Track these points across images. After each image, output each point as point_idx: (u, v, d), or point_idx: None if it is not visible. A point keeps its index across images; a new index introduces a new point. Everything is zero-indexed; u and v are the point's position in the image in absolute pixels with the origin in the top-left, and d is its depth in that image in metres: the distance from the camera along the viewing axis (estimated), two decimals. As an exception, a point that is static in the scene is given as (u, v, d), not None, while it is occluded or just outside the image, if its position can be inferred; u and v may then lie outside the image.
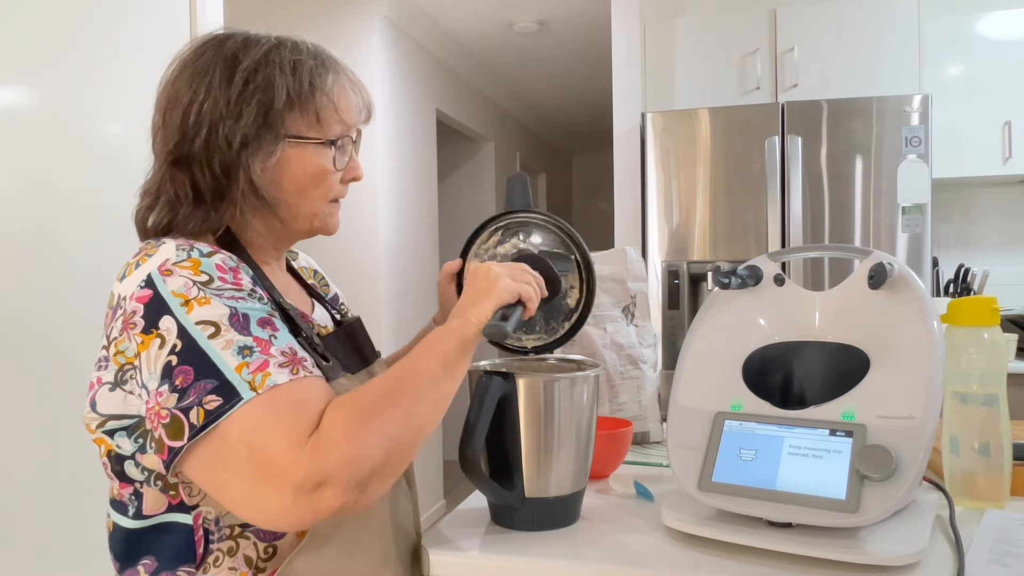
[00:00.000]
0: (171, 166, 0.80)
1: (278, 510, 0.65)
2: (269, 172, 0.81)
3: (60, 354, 1.45)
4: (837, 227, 2.61)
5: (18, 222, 1.38)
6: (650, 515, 0.93)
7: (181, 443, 0.66)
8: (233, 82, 0.79)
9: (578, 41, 4.17)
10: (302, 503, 0.64)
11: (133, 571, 0.75)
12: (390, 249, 3.56)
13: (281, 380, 0.67)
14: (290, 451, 0.64)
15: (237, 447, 0.65)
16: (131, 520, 0.75)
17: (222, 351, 0.67)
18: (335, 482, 0.64)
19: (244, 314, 0.70)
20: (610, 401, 1.30)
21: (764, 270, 0.97)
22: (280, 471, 0.64)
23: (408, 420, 0.70)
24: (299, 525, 0.66)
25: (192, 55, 0.82)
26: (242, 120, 0.78)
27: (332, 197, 0.87)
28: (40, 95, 1.44)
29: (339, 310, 1.02)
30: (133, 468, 0.73)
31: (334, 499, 0.65)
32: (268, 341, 0.70)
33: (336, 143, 0.84)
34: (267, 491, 0.64)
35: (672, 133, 2.75)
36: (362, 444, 0.66)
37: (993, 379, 0.93)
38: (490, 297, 0.81)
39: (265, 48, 0.82)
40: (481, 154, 5.15)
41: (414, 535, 0.89)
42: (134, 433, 0.71)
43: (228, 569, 0.74)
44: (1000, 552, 0.76)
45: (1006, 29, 2.80)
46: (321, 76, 0.83)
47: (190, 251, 0.73)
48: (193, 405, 0.65)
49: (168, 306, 0.69)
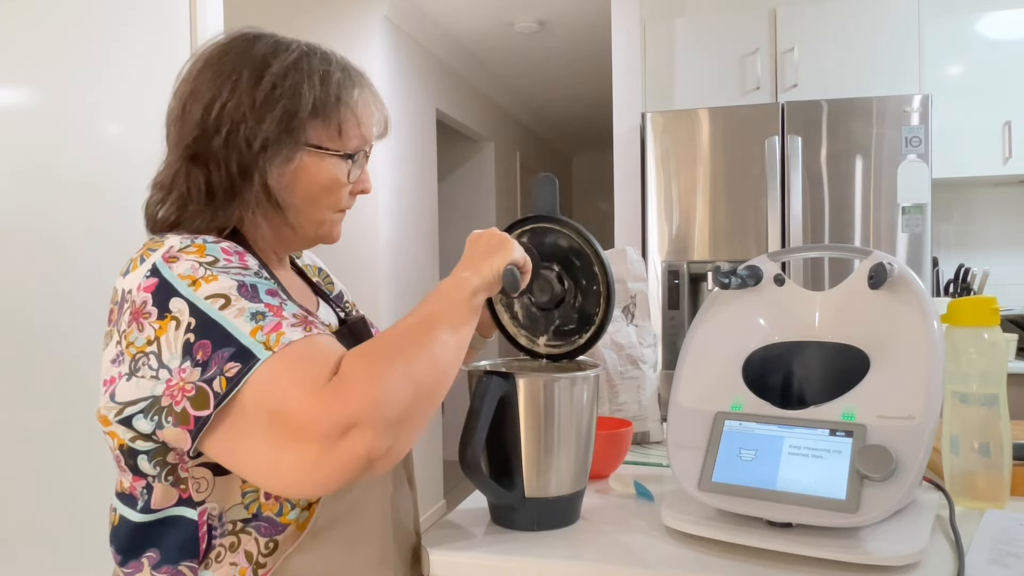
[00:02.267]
0: (188, 161, 0.80)
1: (303, 469, 0.63)
2: (285, 178, 0.81)
3: (61, 351, 1.45)
4: (837, 227, 2.61)
5: (18, 221, 1.38)
6: (650, 515, 0.93)
7: (208, 412, 0.65)
8: (260, 85, 0.79)
9: (578, 41, 4.17)
10: (329, 455, 0.62)
11: (136, 563, 0.75)
12: (390, 249, 3.56)
13: (295, 337, 0.67)
14: (308, 402, 0.63)
15: (256, 411, 0.64)
16: (138, 513, 0.75)
17: (235, 319, 0.67)
18: (363, 424, 0.63)
19: (252, 285, 0.71)
20: (610, 401, 1.30)
21: (764, 270, 0.97)
22: (301, 424, 0.62)
23: (431, 361, 0.70)
24: (327, 484, 0.64)
25: (219, 51, 0.82)
26: (264, 124, 0.78)
27: (340, 208, 0.87)
28: (40, 94, 1.44)
29: (343, 308, 1.02)
30: (146, 462, 0.73)
31: (362, 443, 0.63)
32: (279, 306, 0.70)
33: (353, 157, 0.85)
34: (290, 452, 0.63)
35: (672, 133, 2.75)
36: (386, 384, 0.65)
37: (993, 379, 0.93)
38: (502, 253, 0.83)
39: (295, 55, 0.82)
40: (481, 154, 5.15)
41: (414, 535, 0.89)
42: (149, 412, 0.71)
43: (229, 564, 0.74)
44: (1000, 552, 0.76)
45: (1006, 29, 2.80)
46: (348, 89, 0.84)
47: (195, 239, 0.74)
48: (216, 375, 0.65)
49: (176, 289, 0.69)
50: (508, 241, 0.86)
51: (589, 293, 0.96)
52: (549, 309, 0.98)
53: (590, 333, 0.96)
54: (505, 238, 0.86)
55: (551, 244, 0.97)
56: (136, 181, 0.84)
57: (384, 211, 3.47)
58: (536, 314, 1.00)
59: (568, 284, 0.97)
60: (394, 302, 3.60)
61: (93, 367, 1.49)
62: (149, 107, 1.68)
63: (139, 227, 0.84)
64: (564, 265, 0.97)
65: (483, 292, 0.81)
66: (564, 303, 0.98)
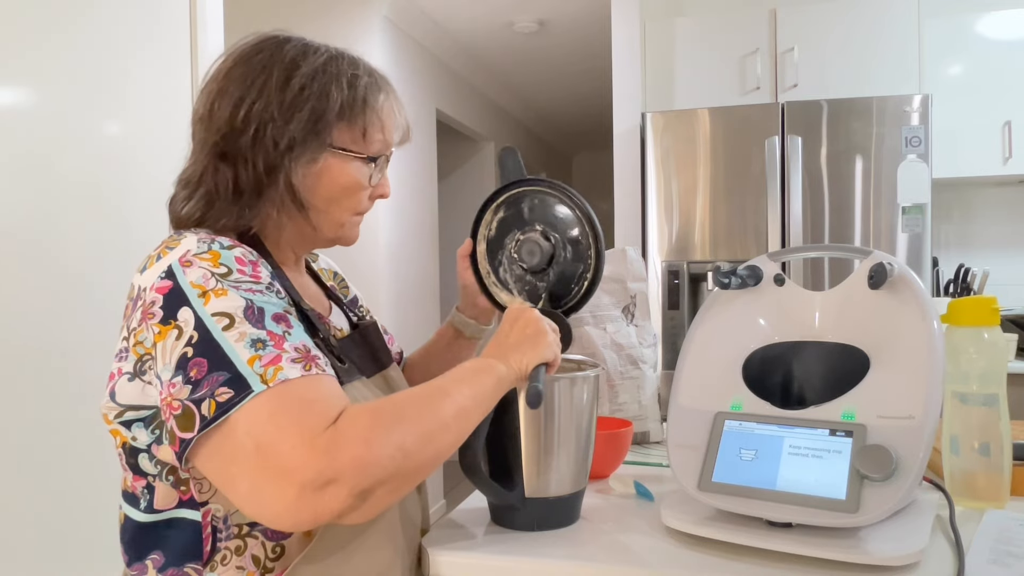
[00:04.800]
0: (215, 159, 0.80)
1: (279, 507, 0.64)
2: (309, 179, 0.82)
3: (61, 351, 1.45)
4: (837, 227, 2.61)
5: (18, 221, 1.38)
6: (650, 515, 0.93)
7: (191, 435, 0.65)
8: (290, 85, 0.80)
9: (578, 41, 4.17)
10: (305, 501, 0.63)
11: (141, 565, 0.75)
12: (390, 249, 3.56)
13: (293, 375, 0.67)
14: (300, 447, 0.63)
15: (245, 440, 0.64)
16: (142, 513, 0.75)
17: (235, 343, 0.67)
18: (342, 483, 0.63)
19: (259, 307, 0.70)
20: (610, 401, 1.30)
21: (764, 270, 0.97)
22: (287, 467, 0.63)
23: (428, 441, 0.69)
24: (298, 525, 0.65)
25: (250, 50, 0.83)
26: (292, 124, 0.79)
27: (359, 210, 0.88)
28: (40, 93, 1.44)
29: (356, 312, 1.02)
30: (147, 462, 0.73)
31: (336, 501, 0.63)
32: (282, 336, 0.69)
33: (376, 161, 0.86)
34: (271, 487, 0.64)
35: (672, 133, 2.75)
36: (378, 451, 0.65)
37: (993, 379, 0.93)
38: (536, 351, 0.83)
39: (324, 57, 0.83)
40: (481, 154, 5.16)
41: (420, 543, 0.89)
42: (151, 424, 0.71)
43: (235, 568, 0.74)
44: (1000, 552, 0.76)
45: (1006, 29, 2.79)
46: (374, 94, 0.85)
47: (211, 243, 0.74)
48: (205, 397, 0.65)
49: (187, 297, 0.69)
50: (543, 334, 0.84)
51: (578, 242, 0.98)
52: (543, 269, 0.99)
53: (590, 276, 0.97)
54: (541, 328, 0.85)
55: (529, 208, 0.99)
56: (136, 181, 0.84)
57: (384, 211, 3.46)
58: (531, 280, 1.01)
59: (555, 239, 0.99)
60: (394, 302, 3.60)
61: (93, 367, 1.49)
62: (149, 107, 1.68)
63: (138, 226, 0.84)
64: (548, 224, 0.99)
65: (508, 385, 0.81)
66: (555, 258, 0.99)
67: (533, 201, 0.99)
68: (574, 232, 0.98)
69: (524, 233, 0.99)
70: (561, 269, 0.99)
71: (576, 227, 0.98)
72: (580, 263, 0.99)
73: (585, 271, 0.98)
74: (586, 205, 0.97)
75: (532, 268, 0.99)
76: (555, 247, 0.98)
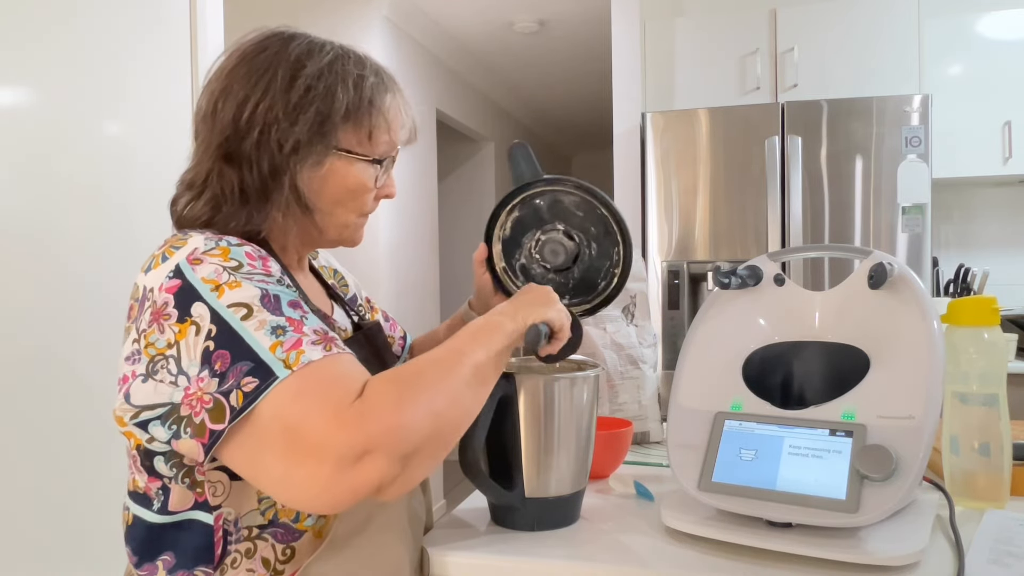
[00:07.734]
0: (221, 161, 0.79)
1: (316, 487, 0.63)
2: (314, 181, 0.81)
3: (61, 351, 1.45)
4: (837, 227, 2.61)
5: (18, 221, 1.38)
6: (650, 515, 0.93)
7: (222, 426, 0.65)
8: (295, 86, 0.79)
9: (578, 41, 4.17)
10: (341, 477, 0.62)
11: (152, 566, 0.75)
12: (390, 249, 3.56)
13: (315, 356, 0.66)
14: (330, 423, 0.62)
15: (272, 425, 0.64)
16: (155, 514, 0.74)
17: (255, 332, 0.66)
18: (379, 451, 0.62)
19: (275, 295, 0.70)
20: (610, 401, 1.30)
21: (764, 270, 0.97)
22: (318, 444, 0.62)
23: (455, 401, 0.69)
24: (336, 503, 0.64)
25: (253, 49, 0.81)
26: (297, 126, 0.78)
27: (364, 212, 0.87)
28: (40, 93, 1.44)
29: (357, 311, 1.01)
30: (163, 464, 0.73)
31: (375, 470, 0.62)
32: (300, 321, 0.69)
33: (381, 162, 0.85)
34: (304, 468, 0.63)
35: (672, 133, 2.75)
36: (410, 415, 0.64)
37: (993, 379, 0.93)
38: (543, 308, 0.82)
39: (330, 56, 0.81)
40: (481, 154, 5.16)
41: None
42: (167, 420, 0.70)
43: (246, 571, 0.73)
44: (1000, 552, 0.76)
45: (1006, 29, 2.79)
46: (380, 95, 0.84)
47: (219, 241, 0.73)
48: (232, 388, 0.65)
49: (199, 293, 0.68)
50: (553, 300, 0.84)
51: (602, 238, 0.95)
52: (568, 268, 0.97)
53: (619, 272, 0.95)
54: (551, 297, 0.85)
55: (548, 206, 0.96)
56: (136, 181, 0.84)
57: (384, 211, 3.46)
58: (552, 279, 0.99)
59: (579, 237, 0.96)
60: (394, 302, 3.60)
61: (94, 366, 1.49)
62: (149, 107, 1.68)
63: (139, 226, 0.84)
64: (568, 222, 0.96)
65: (516, 339, 0.80)
66: (580, 257, 0.97)
67: (554, 201, 0.96)
68: (602, 233, 0.95)
69: (545, 232, 0.96)
70: (585, 267, 0.97)
71: (603, 227, 0.94)
72: (606, 259, 0.96)
73: (613, 267, 0.96)
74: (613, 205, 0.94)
75: (556, 267, 0.97)
76: (579, 246, 0.96)
